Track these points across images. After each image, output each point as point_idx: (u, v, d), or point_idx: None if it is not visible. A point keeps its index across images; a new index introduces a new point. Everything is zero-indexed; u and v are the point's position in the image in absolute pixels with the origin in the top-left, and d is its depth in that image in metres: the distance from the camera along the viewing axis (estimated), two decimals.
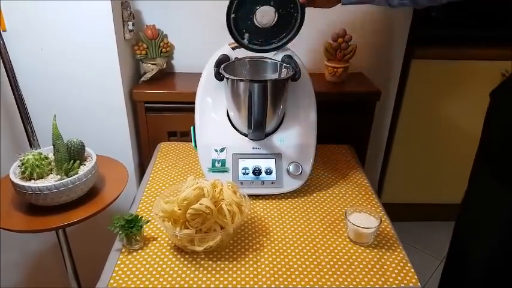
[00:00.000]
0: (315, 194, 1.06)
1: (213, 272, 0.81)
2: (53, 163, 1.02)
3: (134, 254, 0.85)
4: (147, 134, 1.37)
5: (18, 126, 1.21)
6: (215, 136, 1.07)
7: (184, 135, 1.37)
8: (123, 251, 0.86)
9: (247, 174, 1.03)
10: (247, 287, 0.78)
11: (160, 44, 1.38)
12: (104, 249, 0.91)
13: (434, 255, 1.79)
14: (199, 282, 0.78)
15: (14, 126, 1.25)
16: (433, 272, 1.70)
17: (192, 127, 1.10)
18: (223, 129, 1.07)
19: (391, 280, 0.80)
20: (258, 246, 0.88)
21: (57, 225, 0.93)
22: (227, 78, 0.99)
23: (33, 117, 1.18)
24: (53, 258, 1.47)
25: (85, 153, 1.05)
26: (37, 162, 0.96)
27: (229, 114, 1.08)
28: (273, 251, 0.87)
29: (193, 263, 0.83)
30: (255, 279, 0.79)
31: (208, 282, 0.78)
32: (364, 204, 1.03)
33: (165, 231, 0.91)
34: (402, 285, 0.79)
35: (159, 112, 1.35)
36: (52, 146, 1.00)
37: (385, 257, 0.86)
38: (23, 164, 0.96)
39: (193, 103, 1.09)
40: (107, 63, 1.22)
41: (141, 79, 1.38)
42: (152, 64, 1.37)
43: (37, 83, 1.23)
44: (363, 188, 1.10)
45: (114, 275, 0.80)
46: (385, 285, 0.78)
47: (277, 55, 1.08)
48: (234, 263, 0.83)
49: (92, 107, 1.27)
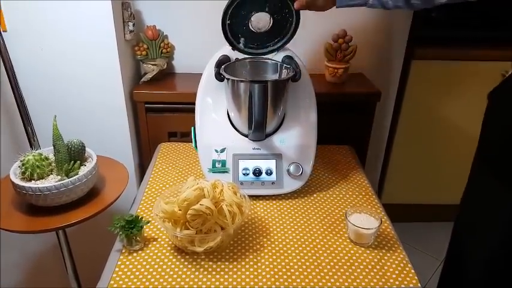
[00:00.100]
0: (315, 195, 1.06)
1: (213, 273, 0.81)
2: (53, 164, 1.02)
3: (134, 254, 0.85)
4: (148, 134, 1.38)
5: (19, 127, 1.21)
6: (215, 137, 1.07)
7: (185, 136, 1.37)
8: (124, 251, 0.86)
9: (247, 174, 1.03)
10: (247, 287, 0.78)
11: (161, 45, 1.38)
12: (104, 249, 0.90)
13: (435, 256, 1.79)
14: (199, 283, 0.78)
15: (15, 126, 1.25)
16: (434, 273, 1.70)
17: (192, 128, 1.10)
18: (223, 129, 1.07)
19: (392, 281, 0.80)
20: (258, 246, 0.88)
21: (57, 225, 0.93)
22: (227, 79, 0.99)
23: (34, 117, 1.19)
24: (53, 259, 1.47)
25: (85, 154, 1.05)
26: (37, 163, 0.96)
27: (230, 115, 1.08)
28: (273, 251, 0.87)
29: (194, 263, 0.83)
30: (255, 280, 0.79)
31: (208, 283, 0.78)
32: (364, 204, 1.03)
33: (165, 232, 0.91)
34: (402, 286, 0.79)
35: (160, 112, 1.35)
36: (52, 147, 1.00)
37: (385, 257, 0.86)
38: (23, 165, 0.96)
39: (193, 104, 1.10)
40: (107, 64, 1.22)
41: (142, 80, 1.38)
42: (152, 65, 1.37)
43: (37, 83, 1.23)
44: (363, 189, 1.10)
45: (114, 275, 0.80)
46: (386, 286, 0.78)
47: (277, 56, 1.08)
48: (235, 263, 0.83)
49: (92, 107, 1.28)
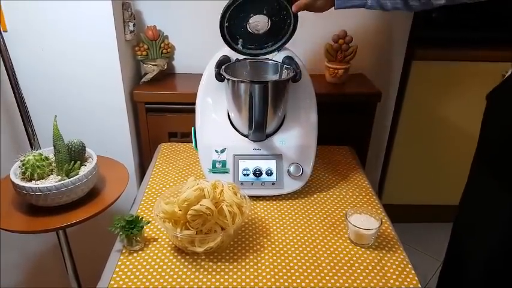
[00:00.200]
0: (315, 195, 1.06)
1: (214, 273, 0.81)
2: (53, 164, 1.02)
3: (135, 255, 0.85)
4: (148, 134, 1.38)
5: (19, 127, 1.21)
6: (216, 137, 1.07)
7: (185, 136, 1.37)
8: (124, 251, 0.86)
9: (247, 175, 1.03)
10: None
11: (161, 45, 1.38)
12: (105, 249, 0.91)
13: (435, 257, 1.79)
14: (199, 283, 0.78)
15: (15, 126, 1.26)
16: (434, 274, 1.69)
17: (192, 128, 1.10)
18: (223, 130, 1.07)
19: (392, 281, 0.80)
20: (258, 247, 0.88)
21: (57, 225, 0.93)
22: (228, 79, 0.99)
23: (34, 117, 1.18)
24: (53, 259, 1.47)
25: (86, 154, 1.05)
26: (38, 163, 0.96)
27: (230, 115, 1.08)
28: (273, 252, 0.87)
29: (194, 264, 0.83)
30: (256, 281, 0.79)
31: (208, 283, 0.78)
32: (364, 205, 1.03)
33: (165, 232, 0.91)
34: (403, 287, 0.79)
35: (160, 113, 1.35)
36: (53, 147, 1.01)
37: (385, 258, 0.85)
38: (23, 165, 0.96)
39: (194, 104, 1.10)
40: (107, 64, 1.22)
41: (142, 80, 1.38)
42: (153, 65, 1.37)
43: (38, 83, 1.23)
44: (364, 189, 1.09)
45: (114, 275, 0.80)
46: (386, 287, 0.78)
47: (277, 56, 1.08)
48: (235, 264, 0.83)
49: (93, 107, 1.28)
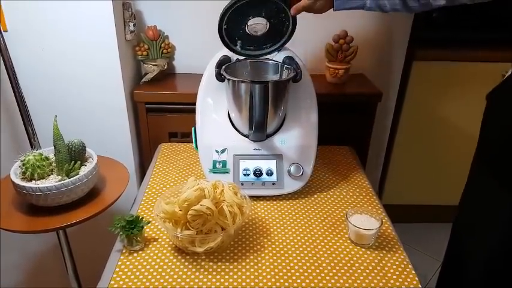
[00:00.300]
0: (315, 195, 1.06)
1: (214, 273, 0.81)
2: (53, 164, 1.02)
3: (135, 255, 0.85)
4: (148, 134, 1.37)
5: (19, 127, 1.21)
6: (216, 137, 1.07)
7: (185, 136, 1.37)
8: (124, 251, 0.86)
9: (248, 175, 1.03)
10: None
11: (162, 45, 1.38)
12: (105, 249, 0.90)
13: (435, 257, 1.79)
14: (199, 283, 0.78)
15: (15, 126, 1.25)
16: (434, 274, 1.69)
17: (193, 128, 1.10)
18: (224, 130, 1.07)
19: (392, 282, 0.80)
20: (258, 247, 0.88)
21: (57, 225, 0.93)
22: (228, 79, 0.99)
23: (34, 117, 1.18)
24: (53, 259, 1.47)
25: (86, 154, 1.05)
26: (38, 163, 0.96)
27: (230, 115, 1.08)
28: (273, 252, 0.86)
29: (194, 264, 0.83)
30: (256, 281, 0.79)
31: (208, 283, 0.78)
32: (365, 205, 1.03)
33: (165, 232, 0.91)
34: (403, 287, 0.78)
35: (160, 113, 1.35)
36: (53, 147, 1.00)
37: (386, 258, 0.85)
38: (23, 165, 0.96)
39: (194, 104, 1.09)
40: (107, 64, 1.22)
41: (142, 80, 1.38)
42: (153, 65, 1.37)
43: (38, 83, 1.23)
44: (364, 190, 1.09)
45: (114, 276, 0.80)
46: (386, 287, 0.78)
47: (278, 56, 1.08)
48: (235, 264, 0.83)
49: (93, 107, 1.27)
